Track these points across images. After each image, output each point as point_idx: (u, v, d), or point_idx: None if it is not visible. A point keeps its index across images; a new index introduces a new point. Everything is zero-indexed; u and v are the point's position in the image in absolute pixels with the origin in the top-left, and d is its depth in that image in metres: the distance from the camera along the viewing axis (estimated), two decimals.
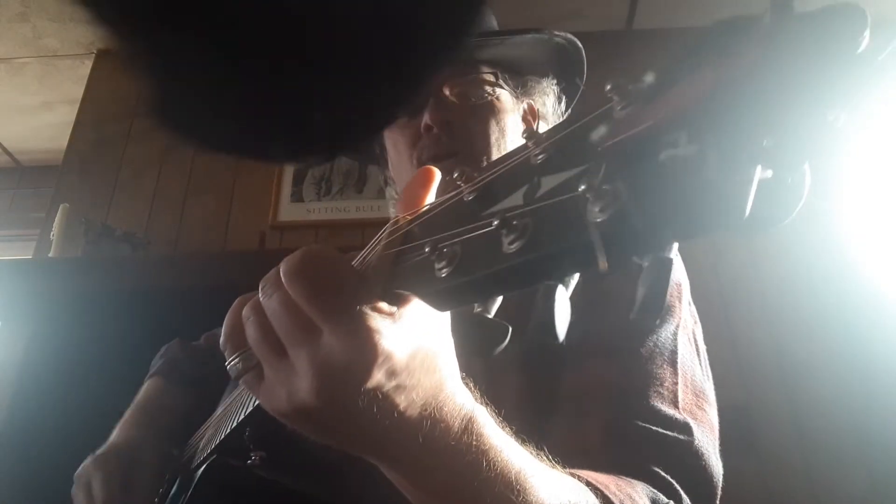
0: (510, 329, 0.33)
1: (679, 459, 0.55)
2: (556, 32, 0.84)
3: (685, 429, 0.57)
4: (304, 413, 0.34)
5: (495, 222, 0.27)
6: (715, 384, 0.66)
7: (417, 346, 0.34)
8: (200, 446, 0.74)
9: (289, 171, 2.14)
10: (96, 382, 1.50)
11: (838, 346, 1.75)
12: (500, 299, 0.33)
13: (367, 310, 0.32)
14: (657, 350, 0.62)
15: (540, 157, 0.28)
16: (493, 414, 0.40)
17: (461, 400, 0.37)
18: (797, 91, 0.18)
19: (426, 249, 0.30)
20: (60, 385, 1.63)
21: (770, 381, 1.73)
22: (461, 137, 0.78)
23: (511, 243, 0.26)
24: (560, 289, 0.29)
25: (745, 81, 0.19)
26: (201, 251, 2.00)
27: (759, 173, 0.20)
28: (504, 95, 0.83)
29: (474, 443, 0.36)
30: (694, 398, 0.61)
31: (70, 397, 1.56)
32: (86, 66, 2.38)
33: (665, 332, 0.63)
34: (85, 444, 0.83)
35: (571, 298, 0.68)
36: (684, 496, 0.52)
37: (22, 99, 2.56)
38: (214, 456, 0.64)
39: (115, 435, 0.84)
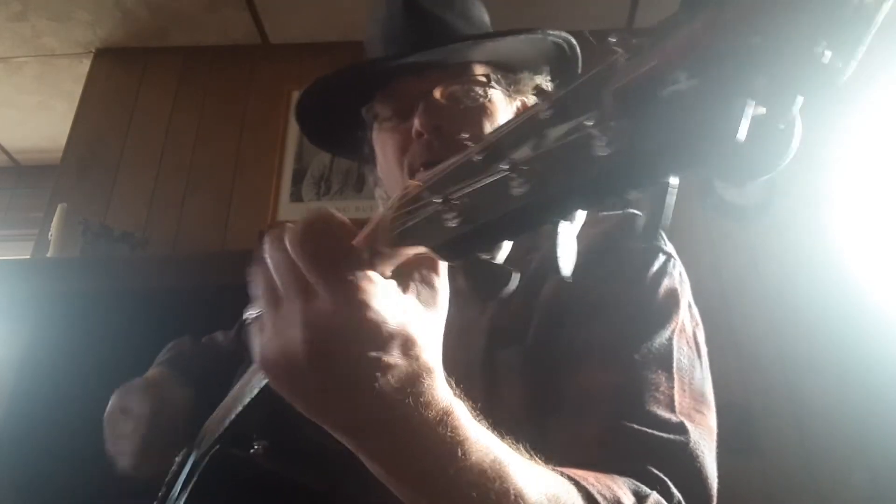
0: (514, 273, 0.34)
1: (673, 459, 0.54)
2: (550, 31, 0.82)
3: (680, 430, 0.56)
4: (294, 368, 0.35)
5: (505, 167, 0.28)
6: (716, 384, 0.66)
7: (406, 326, 0.35)
8: (205, 438, 0.74)
9: (288, 171, 2.14)
10: (94, 383, 1.49)
11: (840, 346, 1.74)
12: (507, 247, 0.33)
13: (362, 281, 0.34)
14: (651, 355, 0.61)
15: (548, 112, 0.29)
16: (471, 409, 0.41)
17: (441, 394, 0.37)
18: (784, 26, 0.20)
19: (436, 201, 0.31)
20: (58, 385, 1.62)
21: (772, 380, 1.73)
22: (453, 143, 0.76)
23: (519, 186, 0.27)
24: (564, 224, 0.29)
25: (738, 21, 0.21)
26: (200, 251, 2.00)
27: (752, 107, 0.22)
28: (496, 96, 0.81)
29: (449, 434, 0.36)
30: (692, 402, 0.60)
31: (68, 397, 1.55)
32: (84, 66, 2.38)
33: (660, 338, 0.63)
34: (82, 445, 0.83)
35: (572, 306, 0.67)
36: (676, 493, 0.52)
37: (20, 98, 2.55)
38: (217, 446, 0.63)
39: (126, 392, 0.86)
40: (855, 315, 1.79)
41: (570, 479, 0.44)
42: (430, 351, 0.37)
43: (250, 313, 0.39)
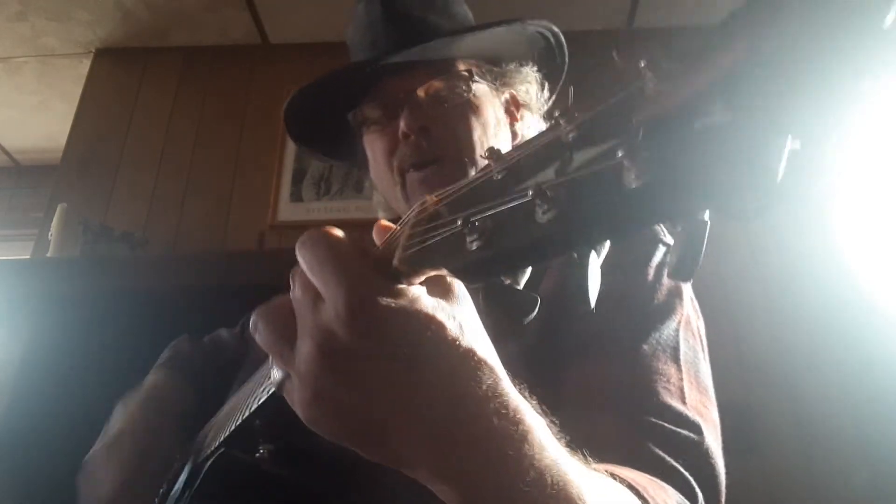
0: (539, 300, 0.32)
1: (692, 458, 0.54)
2: (531, 21, 0.82)
3: (695, 428, 0.56)
4: (320, 395, 0.33)
5: (530, 192, 0.27)
6: (717, 383, 0.66)
7: (429, 325, 0.32)
8: (208, 440, 0.73)
9: (288, 171, 2.14)
10: (94, 383, 1.49)
11: (840, 345, 1.74)
12: (528, 271, 0.33)
13: (367, 276, 0.32)
14: (660, 347, 0.61)
15: (572, 134, 0.28)
16: (552, 426, 0.37)
17: (516, 401, 0.34)
18: (827, 63, 0.19)
19: (458, 223, 0.30)
20: (58, 385, 1.62)
21: (772, 380, 1.73)
22: (441, 142, 0.76)
23: (545, 213, 0.26)
24: (592, 255, 0.28)
25: (779, 52, 0.20)
26: (200, 251, 2.00)
27: (791, 143, 0.21)
28: (481, 90, 0.81)
29: (537, 456, 0.32)
30: (699, 395, 0.60)
31: (68, 397, 1.55)
32: (84, 66, 2.38)
33: (667, 330, 0.63)
34: (82, 445, 0.82)
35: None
36: (700, 496, 0.52)
37: (20, 98, 2.55)
38: (222, 449, 0.63)
39: (121, 421, 0.83)
40: (855, 314, 1.79)
41: (632, 487, 0.43)
42: (475, 341, 0.34)
43: (276, 374, 0.37)
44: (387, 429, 0.33)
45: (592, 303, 0.29)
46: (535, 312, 0.32)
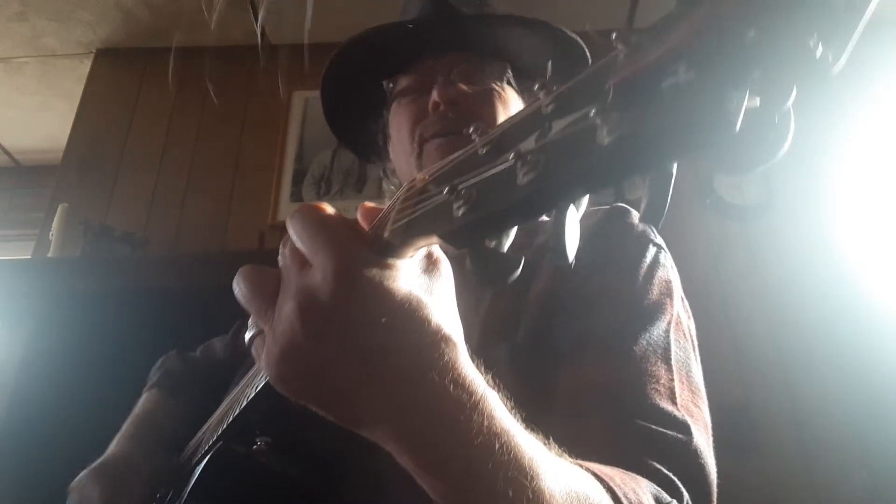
0: (520, 260, 0.34)
1: (679, 458, 0.54)
2: (569, 33, 0.85)
3: (684, 428, 0.56)
4: (293, 353, 0.34)
5: (511, 157, 0.28)
6: (716, 383, 0.66)
7: (408, 299, 0.34)
8: (203, 440, 0.74)
9: (288, 171, 2.14)
10: (95, 383, 1.50)
11: (839, 346, 1.75)
12: (513, 233, 0.34)
13: (354, 247, 0.34)
14: (650, 348, 0.61)
15: (550, 106, 0.30)
16: (505, 400, 0.39)
17: (472, 374, 0.36)
18: (778, 19, 0.22)
19: (444, 192, 0.32)
20: (59, 385, 1.63)
21: (771, 380, 1.73)
22: (467, 116, 0.78)
23: (525, 175, 0.28)
24: (571, 209, 0.29)
25: (734, 15, 0.22)
26: (200, 251, 2.00)
27: (748, 98, 0.22)
28: (510, 91, 0.84)
29: (486, 423, 0.34)
30: (690, 394, 0.60)
31: (68, 397, 1.55)
32: (85, 66, 2.38)
33: (657, 330, 0.63)
34: (83, 445, 0.82)
35: (565, 299, 0.67)
36: (685, 494, 0.52)
37: (21, 98, 2.56)
38: (220, 443, 0.63)
39: (112, 447, 0.83)
40: (855, 315, 1.79)
41: (598, 477, 0.43)
42: (444, 318, 0.36)
43: (248, 333, 0.39)
44: (350, 390, 0.34)
45: (570, 258, 0.29)
46: (517, 272, 0.33)
